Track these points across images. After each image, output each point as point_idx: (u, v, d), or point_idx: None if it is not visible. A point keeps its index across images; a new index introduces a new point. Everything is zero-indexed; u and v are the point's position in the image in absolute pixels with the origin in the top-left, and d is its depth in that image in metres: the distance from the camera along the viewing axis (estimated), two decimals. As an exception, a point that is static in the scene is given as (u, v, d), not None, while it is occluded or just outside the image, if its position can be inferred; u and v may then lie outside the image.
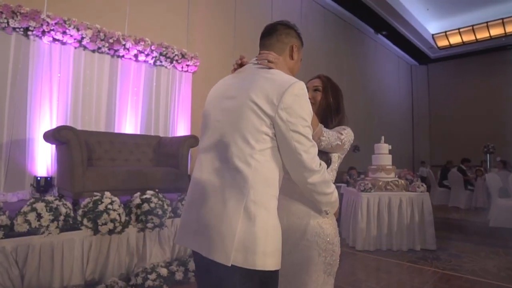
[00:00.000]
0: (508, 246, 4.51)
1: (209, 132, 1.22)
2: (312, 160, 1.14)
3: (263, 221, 1.08)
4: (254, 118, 1.10)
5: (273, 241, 1.11)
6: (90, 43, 4.78)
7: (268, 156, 1.12)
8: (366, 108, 11.42)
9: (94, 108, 5.00)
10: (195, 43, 6.49)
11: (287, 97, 1.09)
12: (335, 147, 1.39)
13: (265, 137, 1.11)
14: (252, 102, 1.11)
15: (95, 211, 2.65)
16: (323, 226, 1.37)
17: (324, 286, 1.37)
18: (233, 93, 1.19)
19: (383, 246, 4.30)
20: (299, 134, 1.11)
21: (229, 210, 1.07)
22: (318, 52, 9.57)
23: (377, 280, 3.30)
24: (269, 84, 1.12)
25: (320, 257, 1.35)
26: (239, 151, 1.10)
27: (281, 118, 1.09)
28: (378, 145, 4.91)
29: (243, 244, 1.05)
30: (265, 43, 1.32)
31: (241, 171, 1.09)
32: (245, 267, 1.04)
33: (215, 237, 1.07)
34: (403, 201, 4.36)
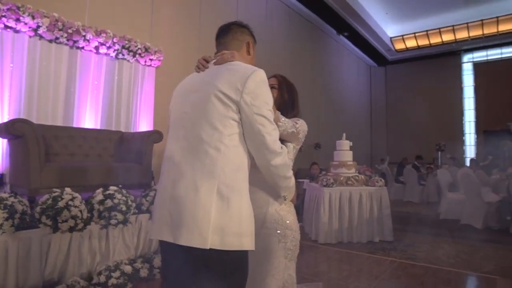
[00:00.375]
0: (456, 236, 4.88)
1: (177, 124, 1.26)
2: (275, 142, 1.21)
3: (237, 203, 1.13)
4: (220, 105, 1.15)
5: (247, 222, 1.15)
6: (47, 33, 4.52)
7: (236, 141, 1.17)
8: (327, 106, 11.78)
9: (51, 101, 4.73)
10: (159, 37, 6.34)
11: (250, 83, 1.15)
12: (291, 135, 1.47)
13: (232, 122, 1.16)
14: (217, 90, 1.16)
15: (54, 208, 2.53)
16: (281, 213, 1.44)
17: (286, 271, 1.44)
18: (198, 86, 1.24)
19: (344, 238, 4.48)
20: (262, 117, 1.16)
21: (202, 195, 1.10)
22: (282, 51, 9.71)
23: (339, 271, 3.45)
24: (232, 73, 1.19)
25: (280, 243, 1.42)
26: (208, 137, 1.14)
27: (245, 102, 1.14)
28: (340, 142, 5.10)
29: (219, 227, 1.08)
30: (221, 41, 1.40)
31: (211, 156, 1.13)
32: (223, 248, 1.08)
33: (190, 223, 1.09)
34: (363, 195, 4.57)
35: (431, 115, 13.08)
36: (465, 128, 13.15)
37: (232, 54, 1.30)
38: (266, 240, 1.42)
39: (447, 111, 12.94)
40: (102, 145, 4.32)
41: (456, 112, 13.06)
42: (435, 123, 12.88)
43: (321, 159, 10.36)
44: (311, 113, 10.86)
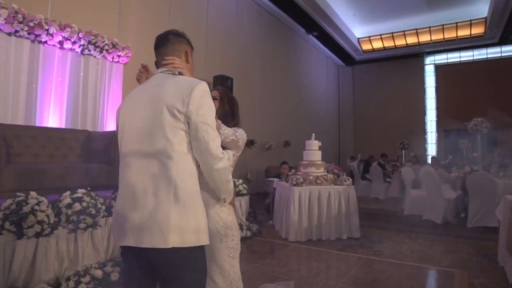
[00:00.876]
0: (419, 231, 5.15)
1: (130, 137, 1.33)
2: (217, 149, 1.32)
3: (192, 204, 1.25)
4: (170, 118, 1.25)
5: (202, 220, 1.29)
6: (5, 25, 4.27)
7: (186, 149, 1.29)
8: (297, 104, 11.98)
9: (11, 99, 4.48)
10: (127, 33, 6.17)
11: (195, 94, 1.26)
12: (231, 142, 1.60)
13: (181, 132, 1.27)
14: (166, 104, 1.26)
15: (19, 213, 2.42)
16: (221, 214, 1.56)
17: (231, 269, 1.55)
18: (147, 101, 1.32)
19: (314, 236, 4.61)
20: (206, 125, 1.28)
21: (161, 199, 1.21)
22: (253, 49, 9.75)
23: (308, 268, 3.55)
24: (179, 87, 1.29)
25: (223, 242, 1.54)
26: (162, 147, 1.25)
27: (191, 111, 1.25)
28: (309, 142, 5.22)
29: (178, 227, 1.19)
30: (161, 51, 1.48)
31: (165, 164, 1.24)
32: (183, 246, 1.19)
33: (152, 226, 1.19)
34: (332, 194, 4.71)
35: (395, 114, 13.66)
36: (427, 127, 13.84)
37: (173, 59, 1.42)
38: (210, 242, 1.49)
39: (411, 111, 13.57)
40: (68, 145, 4.16)
41: (418, 112, 13.72)
42: (399, 122, 13.46)
43: (290, 157, 10.52)
44: (281, 111, 10.99)
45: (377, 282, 3.08)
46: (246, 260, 3.72)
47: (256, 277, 3.16)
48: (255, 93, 9.79)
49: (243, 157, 8.95)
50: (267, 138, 10.15)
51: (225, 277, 1.53)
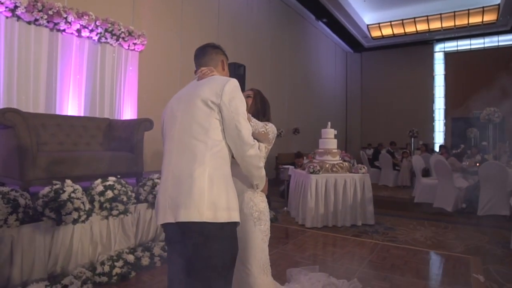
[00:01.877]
0: (431, 218, 5.25)
1: (170, 126, 1.51)
2: (249, 136, 1.47)
3: (223, 184, 1.39)
4: (205, 108, 1.42)
5: (233, 199, 1.41)
6: (25, 14, 4.30)
7: (221, 137, 1.44)
8: (306, 91, 11.96)
9: (32, 87, 4.55)
10: (141, 21, 6.17)
11: (227, 88, 1.43)
12: (261, 134, 1.70)
13: (215, 121, 1.42)
14: (201, 97, 1.43)
15: (57, 201, 2.52)
16: (254, 200, 1.68)
17: (263, 252, 1.67)
18: (185, 97, 1.52)
19: (330, 222, 4.72)
20: (238, 115, 1.43)
21: (196, 178, 1.34)
22: (263, 36, 9.69)
23: (328, 253, 3.66)
24: (212, 83, 1.48)
25: (256, 226, 1.66)
26: (197, 133, 1.41)
27: (224, 103, 1.41)
28: (325, 130, 5.27)
29: (212, 203, 1.33)
30: (201, 62, 1.68)
31: (200, 148, 1.39)
32: (216, 221, 1.32)
33: (188, 202, 1.32)
34: (348, 181, 4.80)
35: (403, 101, 13.63)
36: (435, 115, 13.82)
37: (210, 69, 1.59)
38: (243, 225, 1.62)
39: (419, 99, 13.53)
40: (90, 133, 4.24)
41: (426, 99, 13.68)
42: (407, 109, 13.44)
43: (300, 144, 10.61)
44: (290, 98, 11.00)
45: (396, 267, 3.18)
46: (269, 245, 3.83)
47: (280, 261, 3.27)
48: (265, 80, 9.78)
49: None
50: (277, 125, 9.98)
51: (258, 259, 1.63)
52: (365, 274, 2.98)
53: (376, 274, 2.99)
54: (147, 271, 2.98)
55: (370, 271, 3.06)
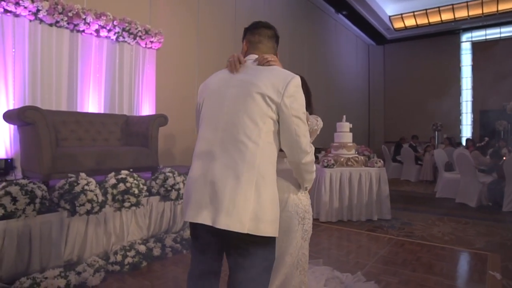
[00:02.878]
0: (451, 214, 5.09)
1: (214, 115, 1.33)
2: (307, 143, 1.34)
3: (270, 193, 1.25)
4: (262, 103, 1.25)
5: (276, 210, 1.29)
6: (47, 16, 4.49)
7: (272, 138, 1.29)
8: (326, 86, 11.80)
9: (54, 86, 4.76)
10: (158, 19, 6.29)
11: (290, 87, 1.27)
12: (313, 132, 1.66)
13: (270, 121, 1.26)
14: (260, 89, 1.26)
15: (72, 193, 2.65)
16: (301, 198, 1.63)
17: (301, 250, 1.64)
18: (238, 82, 1.32)
19: (344, 217, 4.67)
20: (298, 119, 1.29)
21: (243, 183, 1.20)
22: (281, 30, 9.61)
23: (339, 247, 3.64)
24: (274, 76, 1.30)
25: (299, 224, 1.62)
26: (249, 131, 1.24)
27: (285, 104, 1.26)
28: (340, 124, 5.21)
29: (256, 214, 1.20)
30: (256, 46, 1.49)
31: (250, 148, 1.23)
32: (257, 234, 1.20)
33: (231, 209, 1.18)
34: (363, 175, 4.72)
35: (428, 94, 13.16)
36: (462, 107, 13.28)
37: (273, 57, 1.40)
38: (287, 222, 1.59)
39: (444, 91, 13.02)
40: (108, 129, 4.40)
41: (453, 92, 13.15)
42: (432, 102, 12.97)
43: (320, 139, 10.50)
44: (309, 94, 10.89)
45: (408, 262, 3.12)
46: (278, 239, 3.85)
47: (289, 255, 3.28)
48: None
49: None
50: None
51: (293, 256, 1.61)
52: (374, 269, 2.95)
53: (386, 269, 2.95)
54: (159, 261, 3.08)
55: (380, 266, 3.02)
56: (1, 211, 2.38)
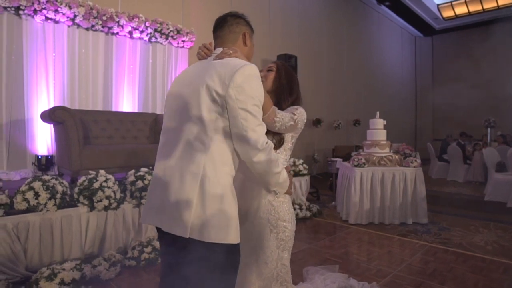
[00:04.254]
0: (500, 220, 4.59)
1: (170, 115, 1.30)
2: (257, 139, 1.17)
3: (218, 197, 1.14)
4: (208, 99, 1.16)
5: (229, 216, 1.16)
6: (83, 21, 4.74)
7: (222, 136, 1.18)
8: (367, 81, 11.30)
9: (91, 87, 5.03)
10: (190, 18, 6.39)
11: (237, 76, 1.15)
12: (289, 128, 1.47)
13: (218, 117, 1.16)
14: (206, 84, 1.17)
15: (90, 189, 2.76)
16: (274, 204, 1.47)
17: (279, 261, 1.47)
18: (190, 80, 1.26)
19: (376, 219, 4.41)
20: (246, 111, 1.15)
21: (186, 186, 1.14)
22: (318, 24, 9.37)
23: (366, 252, 3.42)
24: (222, 67, 1.20)
25: (272, 233, 1.46)
26: (196, 130, 1.17)
27: (230, 96, 1.14)
28: (373, 121, 4.92)
29: (200, 218, 1.11)
30: (219, 35, 1.41)
31: (196, 149, 1.16)
32: (202, 240, 1.11)
33: (174, 212, 1.14)
34: (396, 176, 4.42)
35: (481, 88, 12.08)
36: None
37: (233, 50, 1.31)
38: (259, 230, 1.47)
39: (499, 84, 11.85)
40: (137, 128, 4.55)
41: (509, 86, 11.93)
42: (487, 97, 11.90)
43: (360, 137, 10.08)
44: (350, 88, 10.51)
45: (438, 273, 2.84)
46: (301, 240, 3.73)
47: (307, 258, 3.15)
48: (321, 70, 9.49)
49: (310, 137, 8.80)
50: (335, 116, 9.84)
51: (271, 268, 1.47)
52: (397, 278, 2.72)
53: (411, 280, 2.71)
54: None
55: (404, 275, 2.79)
56: (25, 204, 2.54)
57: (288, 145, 1.53)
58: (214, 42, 1.43)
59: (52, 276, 2.40)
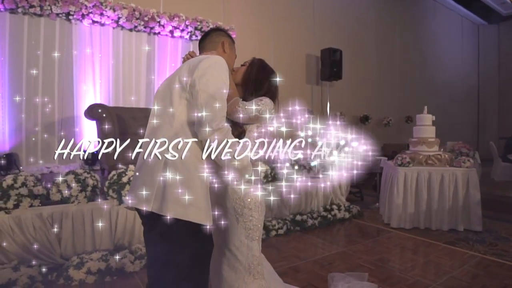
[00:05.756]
0: None
1: (151, 114, 1.45)
2: (213, 119, 1.23)
3: (183, 175, 1.24)
4: (179, 88, 1.30)
5: (195, 195, 1.24)
6: (126, 23, 4.97)
7: (186, 118, 1.29)
8: (422, 75, 10.51)
9: (134, 85, 5.25)
10: (231, 15, 6.41)
11: (203, 64, 1.28)
12: (254, 119, 1.50)
13: (185, 101, 1.29)
14: (178, 77, 1.32)
15: (119, 183, 2.84)
16: (239, 192, 1.46)
17: (249, 251, 1.46)
18: (168, 79, 1.44)
19: (421, 224, 4.04)
20: (206, 93, 1.24)
21: (153, 164, 1.27)
22: (365, 16, 8.90)
23: (405, 260, 3.13)
24: (193, 60, 1.35)
25: (239, 222, 1.46)
26: (166, 115, 1.31)
27: (194, 80, 1.25)
28: (420, 116, 4.52)
29: (162, 193, 1.22)
30: (202, 45, 1.61)
31: (164, 130, 1.29)
32: (162, 214, 1.20)
33: (141, 187, 1.27)
34: (446, 177, 4.00)
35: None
36: None
37: (211, 53, 1.48)
38: (227, 218, 1.47)
39: None
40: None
41: None
42: None
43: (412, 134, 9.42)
44: (401, 83, 9.88)
45: (488, 289, 2.50)
46: (334, 243, 3.54)
47: (337, 262, 2.96)
48: (369, 64, 9.01)
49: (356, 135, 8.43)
50: (384, 113, 9.31)
51: (241, 260, 1.46)
52: (436, 290, 2.44)
53: (452, 293, 2.41)
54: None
55: (445, 288, 2.49)
56: (59, 196, 2.69)
57: (250, 136, 1.52)
58: (199, 53, 1.61)
59: (80, 265, 2.51)
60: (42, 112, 4.49)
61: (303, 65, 7.54)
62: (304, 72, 7.57)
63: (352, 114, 8.35)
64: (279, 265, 2.88)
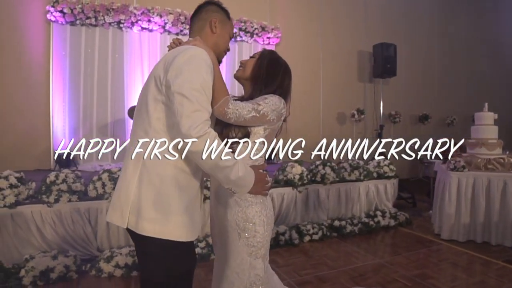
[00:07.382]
0: None
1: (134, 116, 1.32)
2: (191, 125, 1.04)
3: (157, 188, 1.12)
4: (153, 88, 1.15)
5: (172, 211, 1.12)
6: (172, 27, 5.18)
7: (166, 126, 1.13)
8: (491, 69, 9.31)
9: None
10: (277, 14, 6.34)
11: (178, 59, 1.10)
12: (251, 120, 1.26)
13: (162, 105, 1.12)
14: (154, 73, 1.17)
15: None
16: (241, 204, 1.30)
17: (252, 270, 1.30)
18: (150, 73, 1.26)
19: (478, 237, 3.58)
20: (182, 96, 1.05)
21: (127, 176, 1.16)
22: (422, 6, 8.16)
23: (449, 278, 2.78)
24: (169, 53, 1.17)
25: (241, 239, 1.29)
26: (141, 121, 1.17)
27: (167, 80, 1.09)
28: (479, 114, 4.01)
29: (137, 209, 1.11)
30: (191, 25, 1.38)
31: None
32: (138, 231, 1.11)
33: (116, 202, 1.17)
34: (509, 184, 3.49)
35: None
36: None
37: (195, 40, 1.26)
38: (228, 233, 1.32)
39: None
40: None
41: None
42: None
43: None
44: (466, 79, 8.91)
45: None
46: (370, 252, 3.30)
47: (369, 275, 2.74)
48: (428, 58, 8.27)
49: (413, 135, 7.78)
50: (447, 112, 8.49)
51: (243, 279, 1.30)
52: (478, 315, 2.12)
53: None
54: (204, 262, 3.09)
55: (491, 313, 2.16)
56: (95, 192, 2.88)
57: (257, 138, 1.32)
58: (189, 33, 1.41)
59: (110, 259, 2.66)
60: (97, 114, 4.89)
61: (354, 62, 7.17)
62: (355, 70, 7.20)
63: (409, 113, 7.74)
64: (305, 273, 2.76)
